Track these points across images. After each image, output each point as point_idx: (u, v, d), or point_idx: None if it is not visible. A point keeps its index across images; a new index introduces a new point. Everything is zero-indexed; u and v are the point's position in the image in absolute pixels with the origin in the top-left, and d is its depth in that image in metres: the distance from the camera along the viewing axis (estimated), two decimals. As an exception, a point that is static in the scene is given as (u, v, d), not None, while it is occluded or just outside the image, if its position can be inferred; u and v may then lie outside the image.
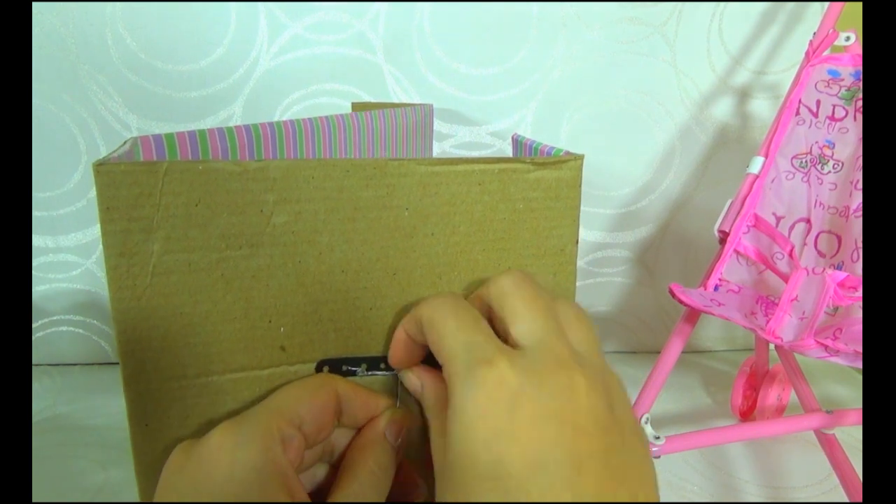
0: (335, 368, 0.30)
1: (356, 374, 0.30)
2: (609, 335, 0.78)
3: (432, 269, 0.30)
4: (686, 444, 0.49)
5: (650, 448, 0.48)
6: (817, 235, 0.49)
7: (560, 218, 0.30)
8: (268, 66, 0.63)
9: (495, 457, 0.20)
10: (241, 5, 0.61)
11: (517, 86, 0.66)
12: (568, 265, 0.31)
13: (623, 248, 0.73)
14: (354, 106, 0.62)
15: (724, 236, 0.52)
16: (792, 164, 0.52)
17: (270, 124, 0.36)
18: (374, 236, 0.28)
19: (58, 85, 0.62)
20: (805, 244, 0.50)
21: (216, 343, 0.27)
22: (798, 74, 0.53)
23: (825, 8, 0.54)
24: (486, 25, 0.64)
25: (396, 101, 0.65)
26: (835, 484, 0.51)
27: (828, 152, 0.51)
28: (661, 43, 0.66)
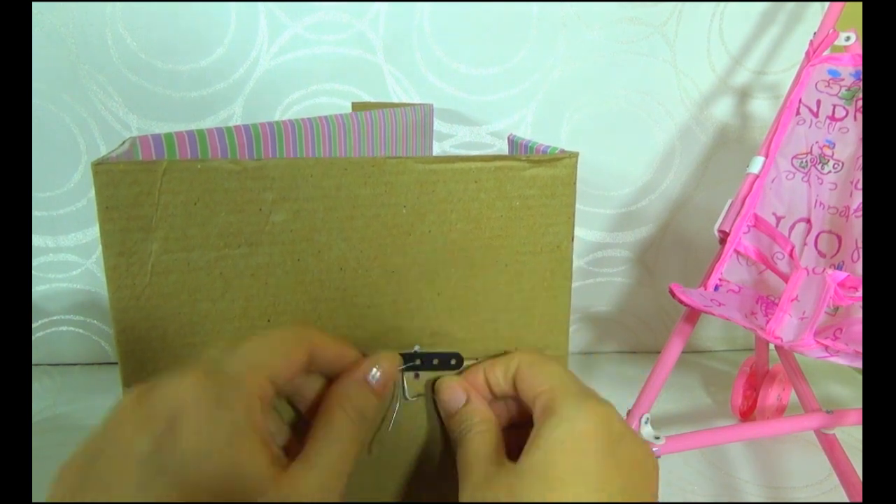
0: None
1: None
2: (609, 335, 0.78)
3: (430, 267, 0.30)
4: (686, 444, 0.49)
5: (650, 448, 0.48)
6: (817, 235, 0.49)
7: (556, 215, 0.31)
8: (268, 65, 0.63)
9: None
10: (241, 5, 0.61)
11: (517, 86, 0.66)
12: (564, 262, 0.31)
13: (623, 248, 0.73)
14: (354, 106, 0.62)
15: (724, 236, 0.52)
16: (792, 164, 0.52)
17: (270, 124, 0.36)
18: (372, 234, 0.28)
19: (58, 85, 0.62)
20: (805, 244, 0.49)
21: (215, 342, 0.27)
22: (798, 74, 0.53)
23: (825, 8, 0.54)
24: (486, 25, 0.64)
25: (396, 100, 0.65)
26: (835, 484, 0.51)
27: (828, 152, 0.51)
28: (661, 43, 0.66)
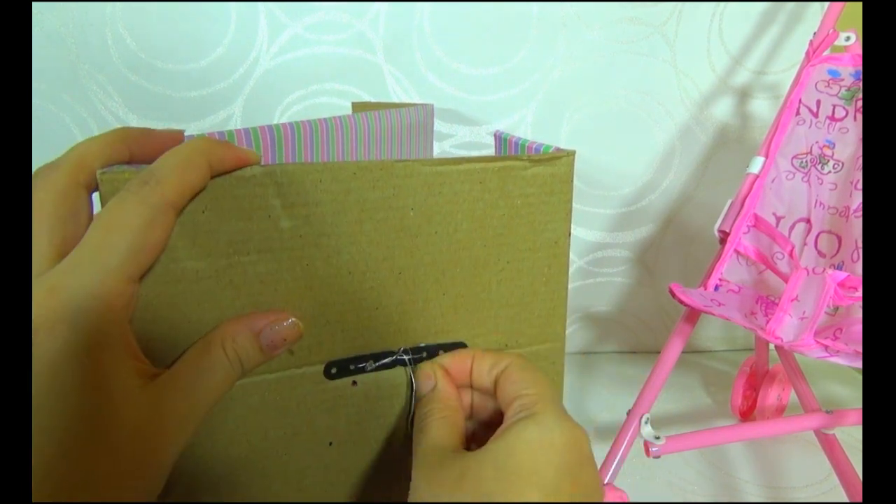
0: (343, 368, 0.30)
1: (365, 371, 0.31)
2: (609, 335, 0.78)
3: (436, 267, 0.30)
4: (686, 444, 0.49)
5: (650, 448, 0.48)
6: (817, 235, 0.49)
7: (554, 212, 0.31)
8: (268, 65, 0.63)
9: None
10: (241, 5, 0.61)
11: (517, 86, 0.66)
12: (561, 257, 0.32)
13: (623, 247, 0.73)
14: (354, 106, 0.62)
15: (724, 236, 0.52)
16: (792, 164, 0.52)
17: (269, 127, 0.36)
18: (380, 237, 0.28)
19: (58, 85, 0.62)
20: (805, 244, 0.50)
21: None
22: (798, 74, 0.53)
23: (825, 8, 0.54)
24: (486, 25, 0.64)
25: (396, 101, 0.65)
26: (835, 484, 0.51)
27: (828, 152, 0.51)
28: (661, 43, 0.66)
